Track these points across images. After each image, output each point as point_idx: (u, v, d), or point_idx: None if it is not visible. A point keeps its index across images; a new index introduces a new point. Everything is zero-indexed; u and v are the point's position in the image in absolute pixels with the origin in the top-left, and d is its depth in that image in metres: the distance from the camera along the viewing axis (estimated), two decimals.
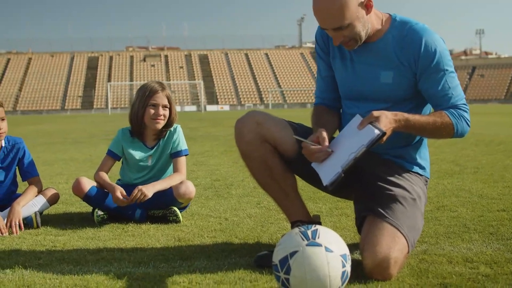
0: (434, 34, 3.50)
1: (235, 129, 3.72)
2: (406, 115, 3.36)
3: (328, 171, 3.32)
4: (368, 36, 3.53)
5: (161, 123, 5.20)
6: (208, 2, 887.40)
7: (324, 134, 3.37)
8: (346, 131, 3.47)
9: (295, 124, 3.80)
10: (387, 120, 3.25)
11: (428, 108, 3.70)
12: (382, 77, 3.56)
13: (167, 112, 5.22)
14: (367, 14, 3.44)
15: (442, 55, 3.47)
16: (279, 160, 3.68)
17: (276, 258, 2.92)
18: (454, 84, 3.52)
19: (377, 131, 3.19)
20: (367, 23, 3.46)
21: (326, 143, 3.33)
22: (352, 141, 3.30)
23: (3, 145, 5.22)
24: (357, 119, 3.36)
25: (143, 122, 5.22)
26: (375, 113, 3.26)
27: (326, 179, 3.31)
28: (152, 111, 5.16)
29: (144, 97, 5.18)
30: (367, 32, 3.48)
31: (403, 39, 3.51)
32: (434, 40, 3.48)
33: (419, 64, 3.48)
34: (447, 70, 3.48)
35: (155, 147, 5.31)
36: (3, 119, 5.07)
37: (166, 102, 5.20)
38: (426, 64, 3.47)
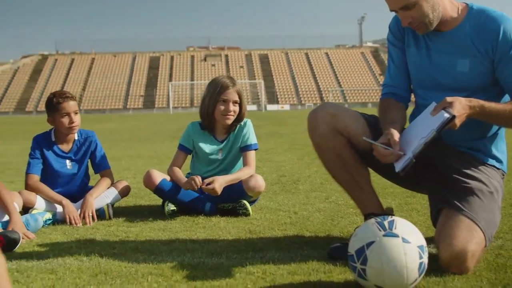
0: None
1: (309, 121, 3.71)
2: (481, 101, 3.28)
3: (400, 158, 3.28)
4: (443, 24, 3.48)
5: (231, 119, 5.22)
6: (269, 1, 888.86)
7: (396, 136, 3.31)
8: (419, 119, 3.43)
9: (368, 116, 3.77)
10: (460, 105, 3.18)
11: (506, 99, 3.62)
12: (458, 66, 3.50)
13: (237, 108, 5.24)
14: None
15: None
16: (353, 152, 3.65)
17: (352, 248, 2.89)
18: None
19: (446, 115, 3.13)
20: (437, 7, 3.41)
21: (397, 147, 3.28)
22: (423, 127, 3.26)
23: (76, 138, 5.32)
24: (431, 106, 3.31)
25: (213, 117, 5.25)
26: (449, 98, 3.20)
27: (397, 166, 3.27)
28: (223, 107, 5.19)
29: (215, 93, 5.20)
30: (437, 16, 3.43)
31: (481, 27, 3.45)
32: None
33: (497, 51, 3.40)
34: None
35: (225, 141, 5.34)
36: (76, 113, 5.17)
37: (236, 98, 5.22)
38: (505, 51, 3.39)
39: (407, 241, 2.79)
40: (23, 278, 3.28)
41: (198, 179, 4.98)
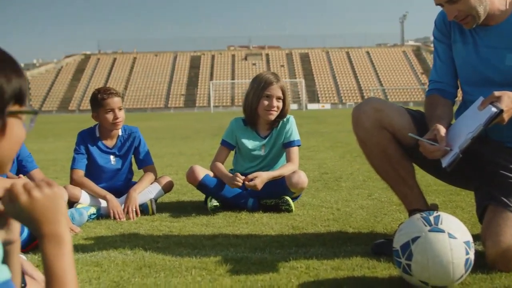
0: None
1: (353, 116, 3.68)
2: None
3: (446, 153, 3.24)
4: (491, 18, 3.42)
5: (274, 115, 5.22)
6: (310, 0, 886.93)
7: (442, 132, 3.27)
8: (466, 114, 3.38)
9: (413, 111, 3.73)
10: (509, 100, 3.11)
11: None
12: (507, 60, 3.43)
13: (280, 104, 5.24)
14: None
15: None
16: (397, 147, 3.62)
17: (397, 243, 2.87)
18: None
19: (494, 109, 3.08)
20: (485, 0, 3.36)
21: (444, 143, 3.24)
22: (470, 122, 3.22)
23: (120, 133, 5.37)
24: (479, 101, 3.26)
25: (256, 112, 5.26)
26: (497, 93, 3.14)
27: (444, 161, 3.23)
28: (266, 102, 5.19)
29: (259, 88, 5.21)
30: (485, 9, 3.36)
31: None
32: None
33: None
34: None
35: (268, 137, 5.34)
36: (120, 109, 5.22)
37: (280, 93, 5.22)
38: None
39: (453, 237, 2.75)
40: None
41: (239, 177, 4.99)
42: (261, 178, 4.94)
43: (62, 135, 20.48)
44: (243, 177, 5.01)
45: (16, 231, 1.61)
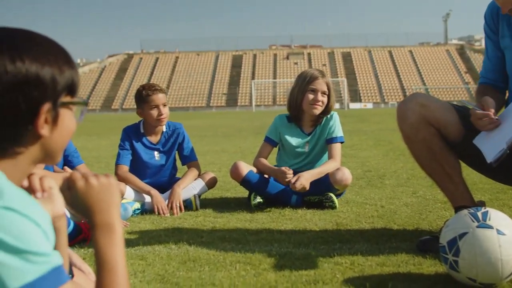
0: None
1: (398, 111, 3.65)
2: None
3: (492, 148, 3.19)
4: None
5: (319, 109, 5.21)
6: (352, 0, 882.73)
7: (490, 100, 3.24)
8: None
9: (459, 107, 3.68)
10: None
11: None
12: None
13: (325, 99, 5.22)
14: None
15: None
16: (443, 143, 3.57)
17: (444, 239, 2.83)
18: None
19: None
20: None
21: (492, 110, 3.19)
22: None
23: (164, 130, 5.40)
24: None
25: (301, 107, 5.25)
26: None
27: (490, 156, 3.18)
28: (311, 96, 5.18)
29: (304, 83, 5.20)
30: None
31: None
32: None
33: None
34: None
35: (312, 133, 5.33)
36: (164, 105, 5.25)
37: (325, 88, 5.21)
38: None
39: (502, 233, 2.70)
40: None
41: (288, 170, 4.99)
42: (304, 178, 4.91)
43: (105, 133, 20.70)
44: (291, 171, 4.99)
45: (61, 206, 1.65)
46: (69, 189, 1.56)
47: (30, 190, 1.59)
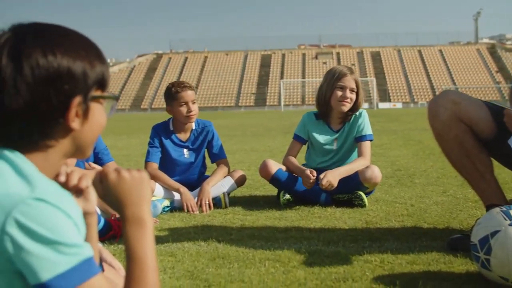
0: None
1: (429, 108, 3.62)
2: None
3: None
4: None
5: (347, 106, 5.19)
6: None
7: None
8: None
9: (491, 104, 3.64)
10: None
11: None
12: None
13: (354, 96, 5.20)
14: None
15: None
16: (475, 140, 3.53)
17: (475, 237, 2.80)
18: None
19: None
20: None
21: None
22: None
23: (194, 127, 5.41)
24: None
25: (329, 104, 5.23)
26: None
27: None
28: (340, 93, 5.16)
29: (333, 79, 5.19)
30: None
31: None
32: None
33: None
34: None
35: (340, 130, 5.30)
36: (194, 102, 5.26)
37: (353, 85, 5.18)
38: None
39: None
40: None
41: (312, 173, 4.97)
42: (332, 175, 4.88)
43: (134, 132, 20.80)
44: (315, 174, 4.97)
45: (93, 203, 1.66)
46: (101, 182, 1.58)
47: (66, 186, 1.60)
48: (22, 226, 1.27)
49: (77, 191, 1.63)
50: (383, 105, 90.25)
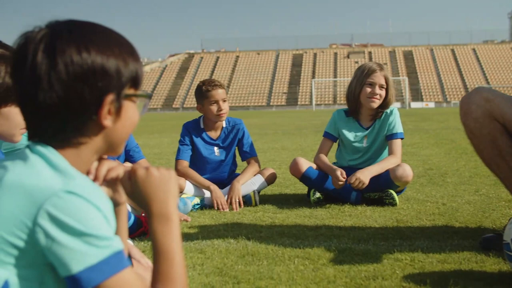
0: None
1: (461, 106, 3.57)
2: None
3: None
4: None
5: (376, 103, 5.15)
6: None
7: None
8: None
9: None
10: None
11: None
12: None
13: (383, 92, 5.16)
14: None
15: None
16: (508, 138, 3.48)
17: (508, 236, 2.76)
18: None
19: None
20: None
21: None
22: None
23: (224, 125, 5.42)
24: None
25: (359, 100, 5.21)
26: None
27: None
28: (369, 89, 5.13)
29: (362, 76, 5.16)
30: None
31: None
32: None
33: None
34: None
35: (371, 128, 5.27)
36: (224, 100, 5.27)
37: (383, 81, 5.15)
38: None
39: None
40: None
41: (341, 174, 4.94)
42: (362, 173, 4.85)
43: (166, 131, 20.92)
44: (344, 175, 4.94)
45: (122, 194, 1.68)
46: (129, 179, 1.60)
47: (96, 178, 1.61)
48: (54, 218, 1.30)
49: (107, 182, 1.64)
50: (415, 105, 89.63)
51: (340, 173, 4.92)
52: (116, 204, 1.67)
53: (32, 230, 1.30)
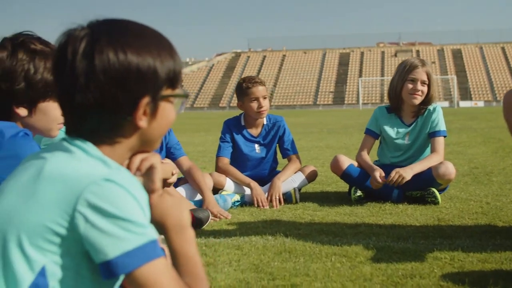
0: None
1: (504, 102, 3.51)
2: None
3: None
4: None
5: (418, 99, 5.08)
6: None
7: None
8: None
9: None
10: None
11: None
12: None
13: (425, 89, 5.09)
14: None
15: None
16: None
17: None
18: None
19: None
20: None
21: None
22: None
23: (265, 122, 5.41)
24: None
25: (400, 96, 5.15)
26: None
27: None
28: (411, 85, 5.06)
29: (404, 72, 5.10)
30: None
31: None
32: None
33: None
34: None
35: (413, 124, 5.20)
36: (265, 98, 5.26)
37: (425, 78, 5.07)
38: None
39: None
40: (210, 252, 3.40)
41: (380, 175, 4.88)
42: (403, 169, 4.80)
43: (212, 129, 20.98)
44: (383, 177, 4.88)
45: (157, 182, 1.65)
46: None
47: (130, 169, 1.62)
48: (93, 205, 1.33)
49: (141, 172, 1.64)
50: (464, 104, 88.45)
51: (379, 175, 4.86)
52: (150, 192, 1.67)
53: (72, 217, 1.33)
